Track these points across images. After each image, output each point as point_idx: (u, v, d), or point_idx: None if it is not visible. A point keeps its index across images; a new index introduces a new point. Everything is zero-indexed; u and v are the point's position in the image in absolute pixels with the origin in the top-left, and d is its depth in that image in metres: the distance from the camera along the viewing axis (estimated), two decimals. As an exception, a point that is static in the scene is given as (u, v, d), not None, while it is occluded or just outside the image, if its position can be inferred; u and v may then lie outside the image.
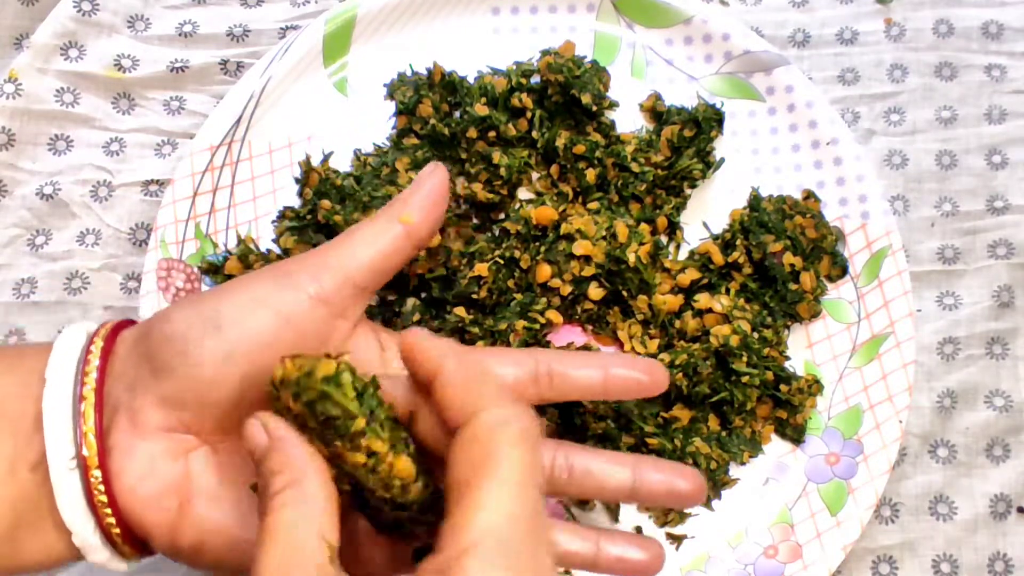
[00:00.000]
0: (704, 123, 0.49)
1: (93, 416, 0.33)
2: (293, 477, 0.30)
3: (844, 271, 0.48)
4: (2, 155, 0.50)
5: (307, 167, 0.48)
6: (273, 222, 0.49)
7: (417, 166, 0.48)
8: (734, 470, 0.47)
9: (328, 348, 0.36)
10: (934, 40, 0.53)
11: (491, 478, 0.28)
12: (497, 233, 0.47)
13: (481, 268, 0.46)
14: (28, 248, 0.50)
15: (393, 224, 0.37)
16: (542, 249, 0.46)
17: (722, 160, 0.50)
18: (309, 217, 0.47)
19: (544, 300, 0.46)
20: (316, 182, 0.48)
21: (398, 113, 0.50)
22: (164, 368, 0.34)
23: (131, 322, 0.37)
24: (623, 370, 0.37)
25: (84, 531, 0.33)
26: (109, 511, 0.33)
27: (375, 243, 0.37)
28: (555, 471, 0.37)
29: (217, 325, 0.34)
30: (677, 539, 0.47)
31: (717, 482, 0.47)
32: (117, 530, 0.33)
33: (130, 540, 0.34)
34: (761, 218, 0.48)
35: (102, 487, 0.33)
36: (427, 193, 0.38)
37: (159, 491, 0.34)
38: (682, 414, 0.46)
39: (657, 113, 0.51)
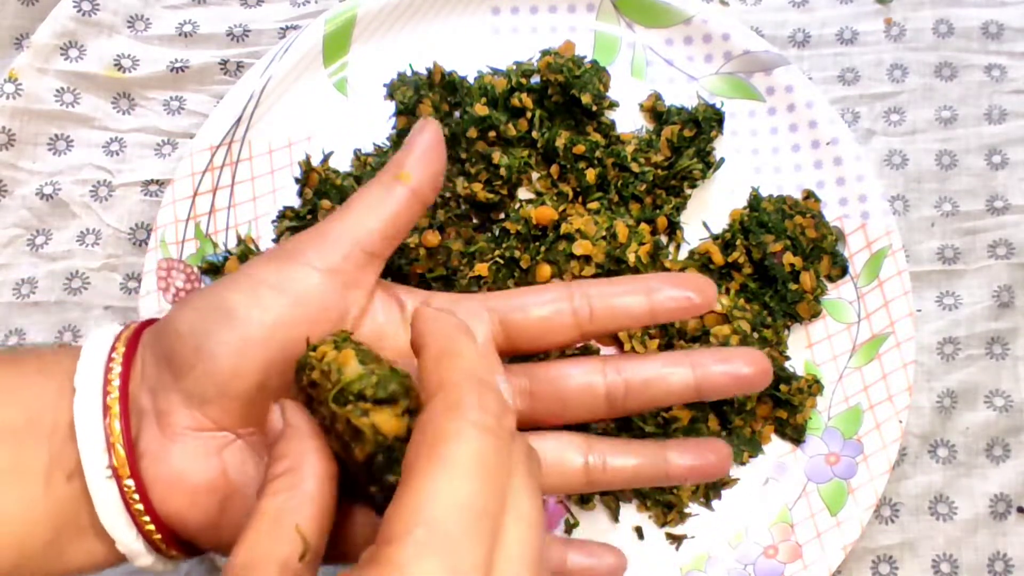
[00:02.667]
0: (704, 123, 0.49)
1: (119, 426, 0.33)
2: (292, 465, 0.30)
3: (844, 271, 0.48)
4: (2, 155, 0.50)
5: (307, 167, 0.48)
6: (273, 222, 0.49)
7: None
8: (734, 470, 0.47)
9: (346, 321, 0.35)
10: (934, 40, 0.53)
11: (435, 464, 0.26)
12: (497, 233, 0.47)
13: (481, 268, 0.46)
14: (28, 248, 0.50)
15: (393, 185, 0.36)
16: (542, 249, 0.46)
17: (722, 160, 0.50)
18: (309, 217, 0.47)
19: (544, 300, 0.46)
20: (316, 182, 0.48)
21: (398, 113, 0.50)
22: (182, 367, 0.33)
23: (153, 322, 0.36)
24: (672, 290, 0.35)
25: (127, 539, 0.33)
26: (147, 519, 0.33)
27: (380, 208, 0.35)
28: (610, 391, 0.35)
29: (227, 314, 0.33)
30: (677, 539, 0.47)
31: (717, 482, 0.47)
32: (158, 536, 0.33)
33: (174, 543, 0.34)
34: (761, 218, 0.48)
35: (136, 496, 0.32)
36: (422, 148, 0.36)
37: (196, 493, 0.33)
38: (682, 414, 0.46)
39: (657, 113, 0.51)
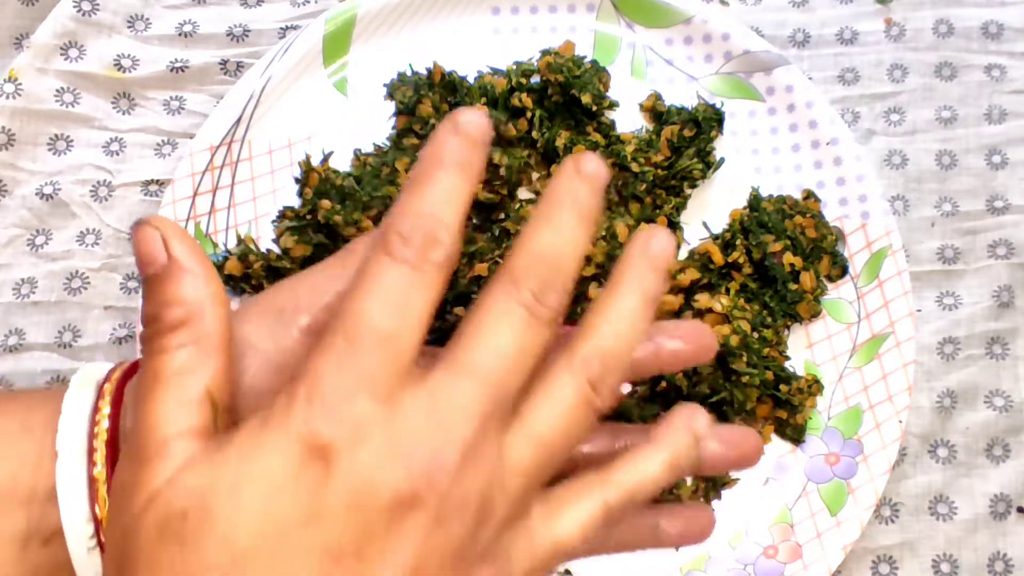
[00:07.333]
0: (704, 123, 0.49)
1: (107, 497, 0.30)
2: (191, 313, 0.26)
3: (844, 271, 0.48)
4: (2, 155, 0.50)
5: (307, 167, 0.48)
6: (273, 222, 0.49)
7: (417, 166, 0.48)
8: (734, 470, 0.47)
9: None
10: (934, 40, 0.53)
11: (357, 286, 0.26)
12: (497, 233, 0.47)
13: (481, 268, 0.46)
14: (28, 248, 0.50)
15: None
16: (542, 249, 0.46)
17: (722, 160, 0.50)
18: (309, 217, 0.47)
19: (544, 300, 0.45)
20: (316, 182, 0.48)
21: (398, 113, 0.50)
22: None
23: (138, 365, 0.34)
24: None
25: None
26: None
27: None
28: None
29: None
30: (677, 539, 0.47)
31: (717, 482, 0.47)
32: None
33: None
34: (761, 218, 0.48)
35: None
36: None
37: None
38: (682, 414, 0.46)
39: (657, 113, 0.51)
